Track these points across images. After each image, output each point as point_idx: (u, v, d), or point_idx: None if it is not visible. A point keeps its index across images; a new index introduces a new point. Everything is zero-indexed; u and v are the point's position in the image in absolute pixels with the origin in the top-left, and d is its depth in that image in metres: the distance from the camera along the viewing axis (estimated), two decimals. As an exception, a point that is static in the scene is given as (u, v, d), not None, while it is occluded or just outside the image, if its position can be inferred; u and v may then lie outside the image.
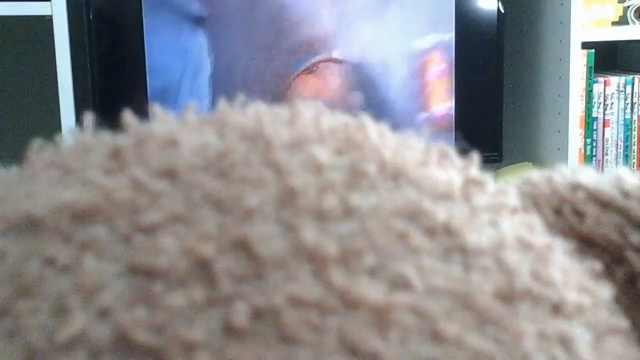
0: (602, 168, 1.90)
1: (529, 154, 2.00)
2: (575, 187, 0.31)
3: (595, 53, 1.86)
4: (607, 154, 1.90)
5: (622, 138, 1.90)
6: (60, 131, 1.59)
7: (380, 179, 0.24)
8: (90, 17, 1.66)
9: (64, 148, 0.26)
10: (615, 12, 1.88)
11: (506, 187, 0.28)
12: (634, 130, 1.90)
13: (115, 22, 1.70)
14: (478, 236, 0.24)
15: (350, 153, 0.25)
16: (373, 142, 0.26)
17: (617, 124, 1.90)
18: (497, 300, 0.22)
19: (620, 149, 1.91)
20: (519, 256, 0.24)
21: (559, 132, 1.88)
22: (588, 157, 1.90)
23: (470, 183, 0.27)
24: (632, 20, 1.91)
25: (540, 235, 0.26)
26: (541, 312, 0.23)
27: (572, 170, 0.32)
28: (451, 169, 0.27)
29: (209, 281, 0.20)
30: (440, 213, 0.24)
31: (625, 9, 1.91)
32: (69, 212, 0.22)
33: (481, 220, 0.25)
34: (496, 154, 1.90)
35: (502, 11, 1.85)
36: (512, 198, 0.28)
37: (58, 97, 1.60)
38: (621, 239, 0.29)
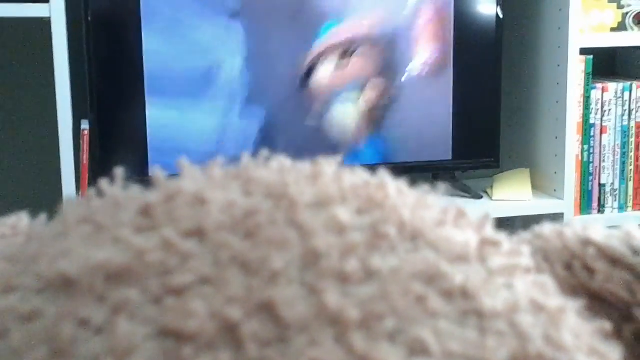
0: (599, 174, 1.91)
1: (526, 160, 2.01)
2: (586, 242, 0.32)
3: (594, 59, 1.87)
4: (604, 161, 1.90)
5: (620, 145, 1.91)
6: (57, 133, 1.59)
7: (400, 240, 0.25)
8: (89, 19, 1.66)
9: (95, 203, 0.27)
10: (614, 18, 1.89)
11: (520, 246, 0.29)
12: (631, 137, 1.91)
13: (113, 25, 1.70)
14: (493, 300, 0.25)
15: (371, 213, 0.26)
16: (392, 202, 0.27)
17: (615, 131, 1.90)
18: None
19: (617, 155, 1.91)
20: (532, 319, 0.25)
21: (557, 138, 1.88)
22: (585, 164, 1.90)
23: (486, 243, 0.27)
24: (631, 27, 1.91)
25: (552, 297, 0.27)
26: None
27: (583, 226, 0.33)
28: (468, 229, 0.28)
29: (235, 345, 0.21)
30: (458, 276, 0.25)
31: (624, 15, 1.91)
32: (103, 272, 0.23)
33: (496, 283, 0.26)
34: (493, 159, 1.90)
35: (501, 16, 1.85)
36: (526, 258, 0.28)
37: (55, 99, 1.59)
38: (630, 297, 0.30)
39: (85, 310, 0.22)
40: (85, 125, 1.68)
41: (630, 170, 1.92)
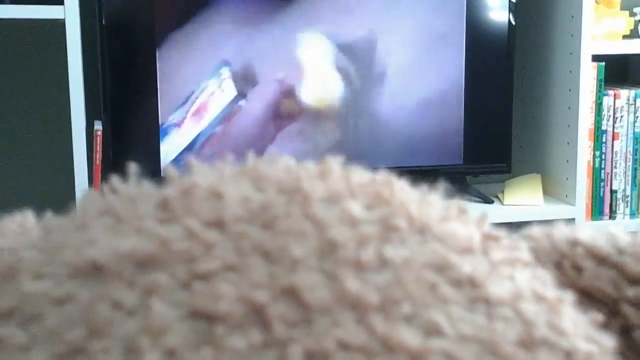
0: (611, 181, 1.90)
1: (538, 166, 2.01)
2: (574, 243, 0.33)
3: (606, 66, 1.86)
4: (615, 167, 1.90)
5: (631, 151, 1.90)
6: (70, 134, 1.60)
7: (409, 233, 0.26)
8: (103, 21, 1.67)
9: (112, 198, 0.28)
10: (626, 25, 1.89)
11: (518, 241, 0.30)
12: (643, 144, 1.91)
13: (127, 27, 1.71)
14: (499, 288, 0.26)
15: (380, 208, 0.27)
16: (399, 198, 0.28)
17: (627, 137, 1.90)
18: (519, 348, 0.24)
19: (629, 162, 1.91)
20: (534, 308, 0.26)
21: (568, 144, 1.88)
22: (597, 170, 1.90)
23: (487, 238, 0.29)
24: (643, 34, 1.91)
25: (550, 288, 0.28)
26: (556, 358, 0.25)
27: (570, 228, 0.34)
28: (470, 224, 0.29)
29: (263, 325, 0.22)
30: (465, 266, 0.26)
31: (636, 22, 1.91)
32: (131, 260, 0.24)
33: (500, 273, 0.27)
34: (505, 164, 1.90)
35: (513, 23, 1.85)
36: (525, 252, 0.30)
37: (69, 100, 1.60)
38: (616, 293, 0.32)
39: (117, 293, 0.23)
40: (98, 126, 1.69)
41: (642, 176, 1.92)
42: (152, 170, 1.69)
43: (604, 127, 1.89)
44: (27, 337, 0.23)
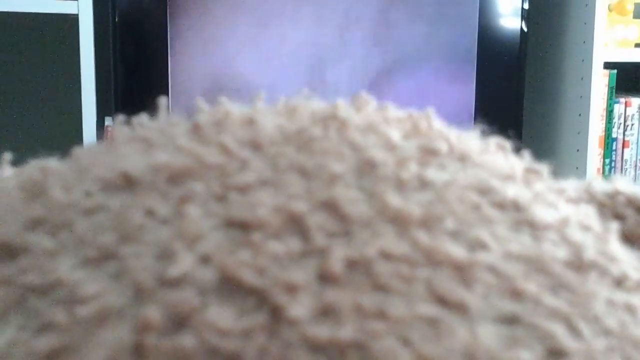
0: (620, 189, 1.90)
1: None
2: (615, 192, 0.33)
3: (617, 74, 1.86)
4: (625, 175, 1.90)
5: (641, 160, 1.90)
6: (81, 130, 1.60)
7: (449, 160, 0.26)
8: (116, 18, 1.67)
9: (142, 126, 0.27)
10: (639, 33, 1.88)
11: (562, 182, 0.30)
12: (654, 153, 1.90)
13: (139, 23, 1.71)
14: (544, 213, 0.25)
15: (418, 137, 0.27)
16: (437, 129, 0.28)
17: (637, 145, 1.89)
18: (567, 268, 0.24)
19: (639, 170, 1.90)
20: (582, 234, 0.26)
21: (578, 151, 1.88)
22: (606, 178, 1.89)
23: (530, 172, 0.28)
24: (655, 43, 1.91)
25: (597, 220, 0.28)
26: (607, 283, 0.24)
27: (608, 180, 0.35)
28: (511, 157, 0.29)
29: (302, 234, 0.22)
30: (508, 190, 0.25)
31: (649, 31, 1.91)
32: (164, 172, 0.23)
33: (544, 201, 0.26)
34: (514, 170, 1.89)
35: (525, 30, 1.85)
36: (570, 189, 0.29)
37: (80, 96, 1.60)
38: None
39: (150, 202, 0.22)
40: (109, 122, 1.68)
41: (652, 185, 1.91)
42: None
43: (614, 135, 1.89)
44: (55, 244, 0.22)
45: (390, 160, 0.24)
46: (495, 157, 0.28)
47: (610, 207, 0.32)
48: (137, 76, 1.71)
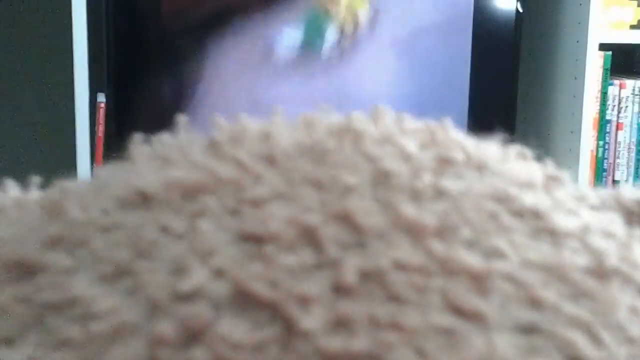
0: (614, 171, 1.90)
1: (541, 154, 2.00)
2: None
3: (612, 55, 1.86)
4: (618, 157, 1.90)
5: (635, 142, 1.90)
6: (74, 105, 1.59)
7: (466, 169, 0.26)
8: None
9: (160, 144, 0.28)
10: (634, 15, 1.88)
11: (584, 188, 0.30)
12: (647, 135, 1.90)
13: None
14: (564, 220, 0.25)
15: (435, 148, 0.27)
16: (455, 139, 0.27)
17: (631, 128, 1.90)
18: (588, 275, 0.23)
19: (632, 152, 1.91)
20: (604, 241, 0.25)
21: (572, 132, 1.88)
22: (600, 160, 1.89)
23: (550, 179, 0.28)
24: (651, 25, 1.91)
25: (620, 227, 0.28)
26: (631, 290, 0.24)
27: (637, 188, 0.35)
28: (531, 164, 0.29)
29: (315, 247, 0.22)
30: (527, 198, 0.25)
31: (644, 12, 1.91)
32: (179, 188, 0.24)
33: (565, 208, 0.26)
34: (508, 151, 1.89)
35: (521, 11, 1.85)
36: (592, 196, 0.29)
37: (73, 71, 1.60)
38: None
39: (165, 218, 0.23)
40: (101, 98, 1.67)
41: (645, 167, 1.91)
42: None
43: (608, 117, 1.89)
44: (72, 261, 0.22)
45: (406, 170, 0.25)
46: (514, 165, 0.28)
47: (639, 215, 0.32)
48: (130, 52, 1.70)
